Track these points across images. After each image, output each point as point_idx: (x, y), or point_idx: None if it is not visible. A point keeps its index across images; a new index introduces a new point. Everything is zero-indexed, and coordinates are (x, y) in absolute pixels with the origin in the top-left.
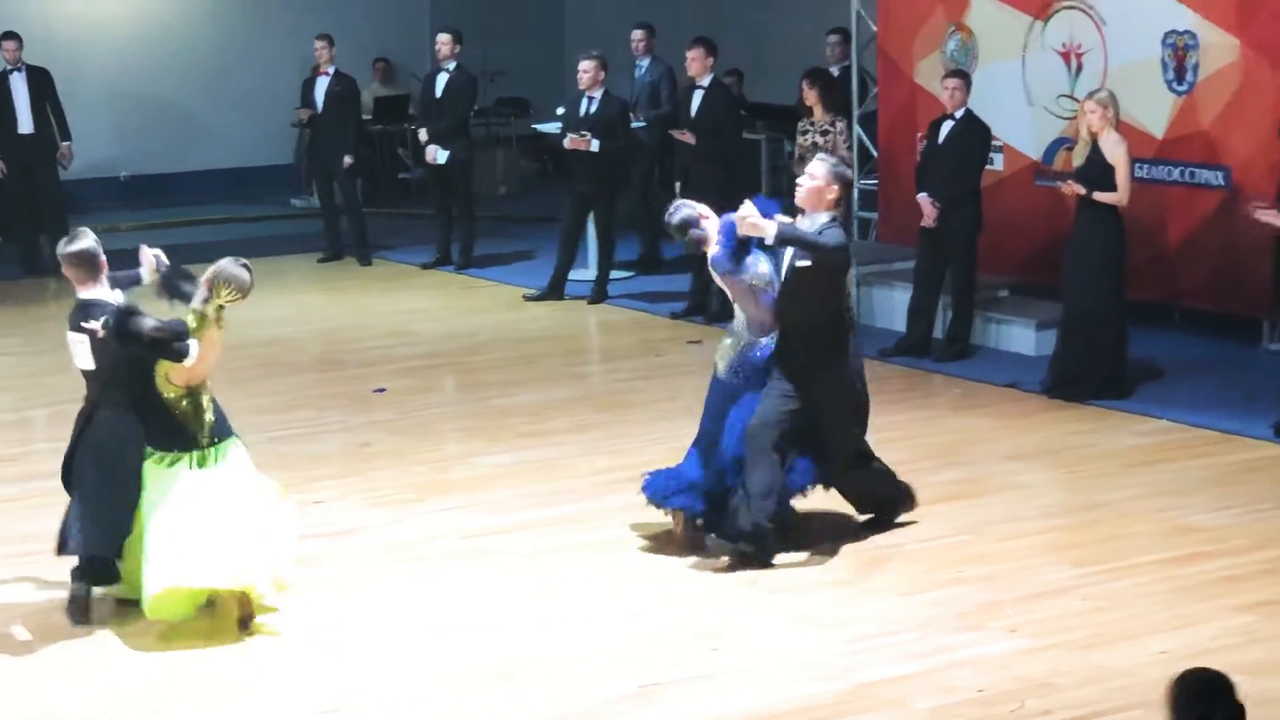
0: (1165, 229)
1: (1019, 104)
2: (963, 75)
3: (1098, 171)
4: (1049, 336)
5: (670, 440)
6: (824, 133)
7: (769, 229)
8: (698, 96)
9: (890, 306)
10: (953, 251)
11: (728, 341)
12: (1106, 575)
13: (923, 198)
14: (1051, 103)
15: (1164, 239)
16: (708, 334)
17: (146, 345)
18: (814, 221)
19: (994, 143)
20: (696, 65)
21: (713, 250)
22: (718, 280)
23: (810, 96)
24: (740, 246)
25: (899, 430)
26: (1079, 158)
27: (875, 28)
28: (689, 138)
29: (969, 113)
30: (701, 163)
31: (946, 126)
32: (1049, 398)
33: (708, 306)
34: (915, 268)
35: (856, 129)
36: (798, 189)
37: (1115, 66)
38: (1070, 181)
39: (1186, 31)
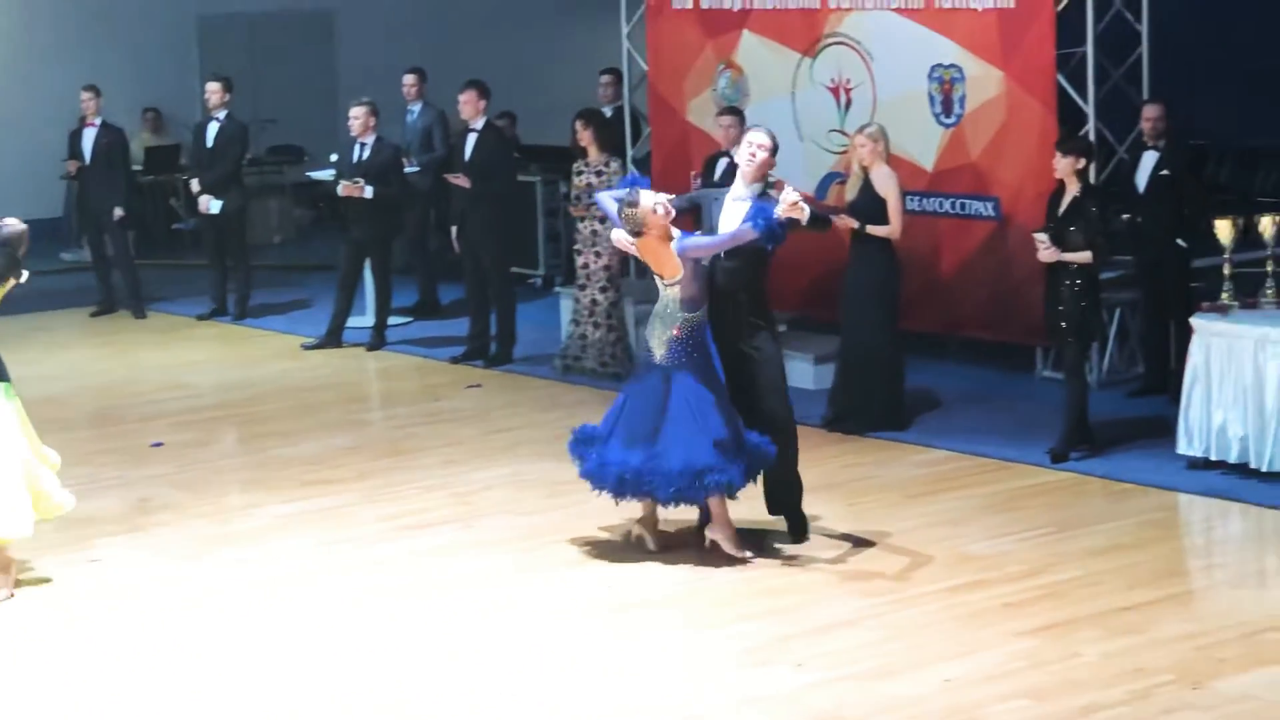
0: (938, 260)
1: (790, 140)
2: (737, 112)
3: (870, 205)
4: (827, 370)
5: (453, 485)
6: (599, 173)
7: (807, 211)
8: (471, 139)
9: None
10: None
11: (657, 325)
12: (892, 606)
13: None
14: (822, 138)
15: (937, 270)
16: (487, 377)
17: None
18: (751, 190)
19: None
20: (469, 108)
21: (661, 235)
22: (678, 262)
23: (584, 137)
24: (781, 236)
25: None
26: (851, 192)
27: (646, 67)
28: (463, 181)
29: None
30: (477, 206)
31: (722, 164)
32: (829, 431)
33: (487, 350)
34: None
35: (631, 169)
36: (750, 160)
37: (884, 100)
38: (843, 216)
39: (952, 65)
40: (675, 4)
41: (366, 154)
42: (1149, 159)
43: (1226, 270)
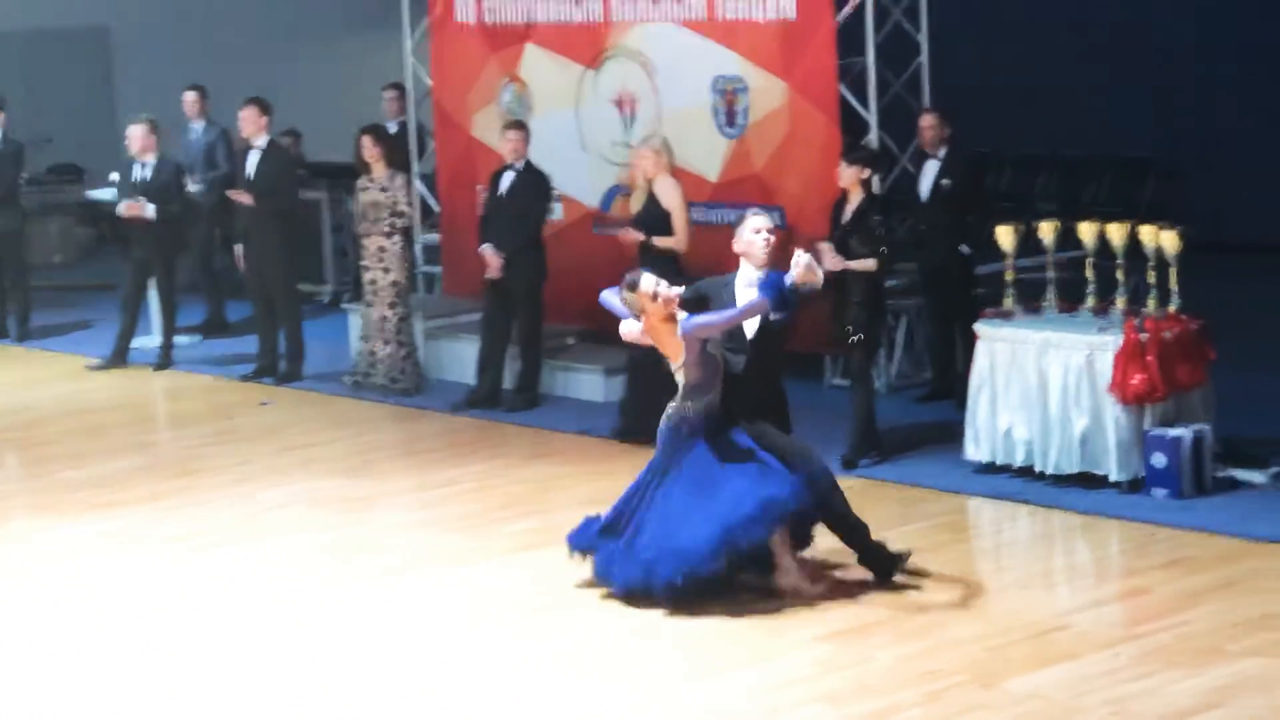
0: (724, 271)
1: (575, 153)
2: (521, 126)
3: (654, 217)
4: (617, 382)
5: (245, 504)
6: (384, 189)
7: (820, 273)
8: (254, 157)
9: (459, 359)
10: (518, 301)
11: (673, 403)
12: (693, 614)
13: (486, 249)
14: (607, 150)
15: None
16: (278, 395)
17: None
18: (761, 275)
19: (553, 192)
20: (250, 125)
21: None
22: (682, 351)
23: (369, 153)
24: (794, 302)
25: (473, 481)
26: (636, 204)
27: (430, 82)
28: (246, 198)
29: (529, 163)
30: (261, 223)
31: (507, 178)
32: (620, 442)
33: (275, 367)
34: (481, 319)
35: (417, 184)
36: (765, 246)
37: (668, 113)
38: (627, 229)
39: (735, 77)
40: (458, 18)
41: (148, 173)
42: (931, 167)
43: (1009, 276)
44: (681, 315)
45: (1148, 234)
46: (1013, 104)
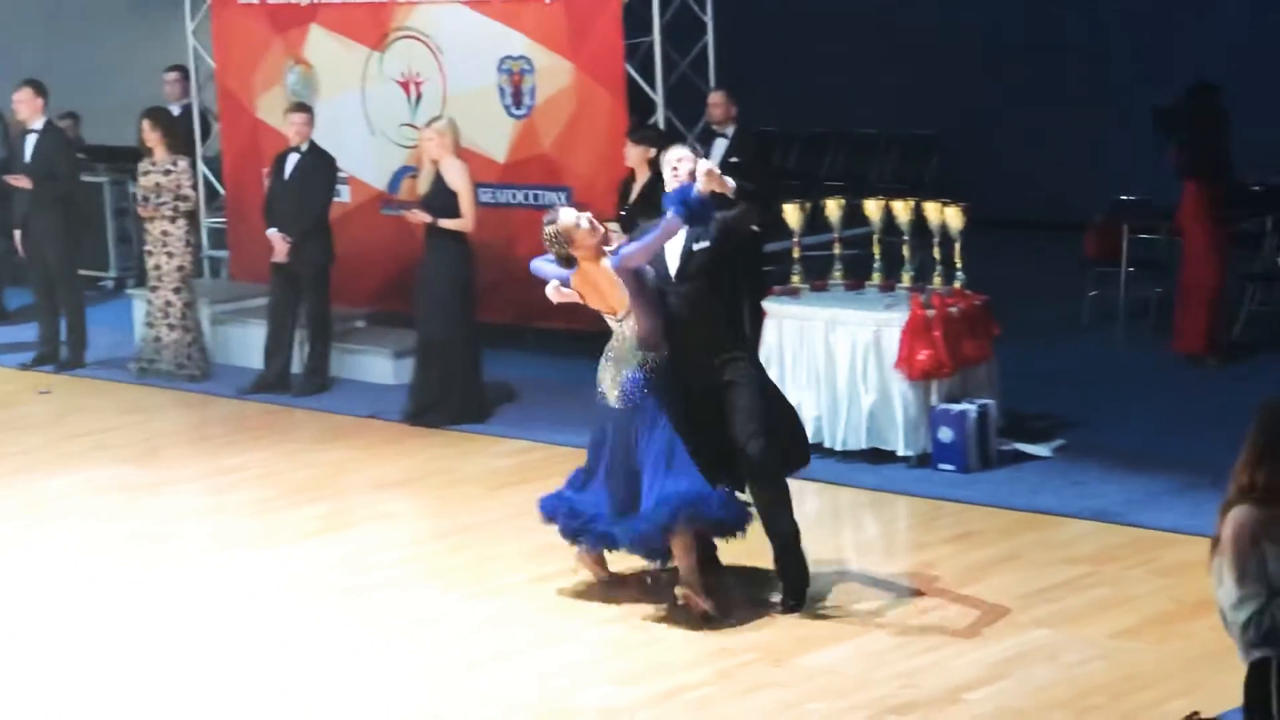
0: (513, 251)
1: (362, 135)
2: (305, 108)
3: (442, 198)
4: (406, 364)
5: (25, 493)
6: (166, 172)
7: (730, 181)
8: (31, 140)
9: (246, 344)
10: (306, 285)
11: (611, 367)
12: (478, 597)
13: (273, 233)
14: (394, 132)
15: (513, 261)
16: (59, 382)
17: None
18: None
19: (340, 174)
20: (25, 108)
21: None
22: (606, 293)
23: (151, 137)
24: (701, 214)
25: (262, 467)
26: (423, 186)
27: (214, 64)
28: (24, 183)
29: (313, 145)
30: (40, 208)
31: (292, 160)
32: (410, 425)
33: (57, 355)
34: (269, 304)
35: (201, 167)
36: (674, 177)
37: (454, 94)
38: (414, 210)
39: (522, 57)
40: None
41: None
42: (719, 146)
43: (796, 253)
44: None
45: (932, 211)
46: (799, 83)
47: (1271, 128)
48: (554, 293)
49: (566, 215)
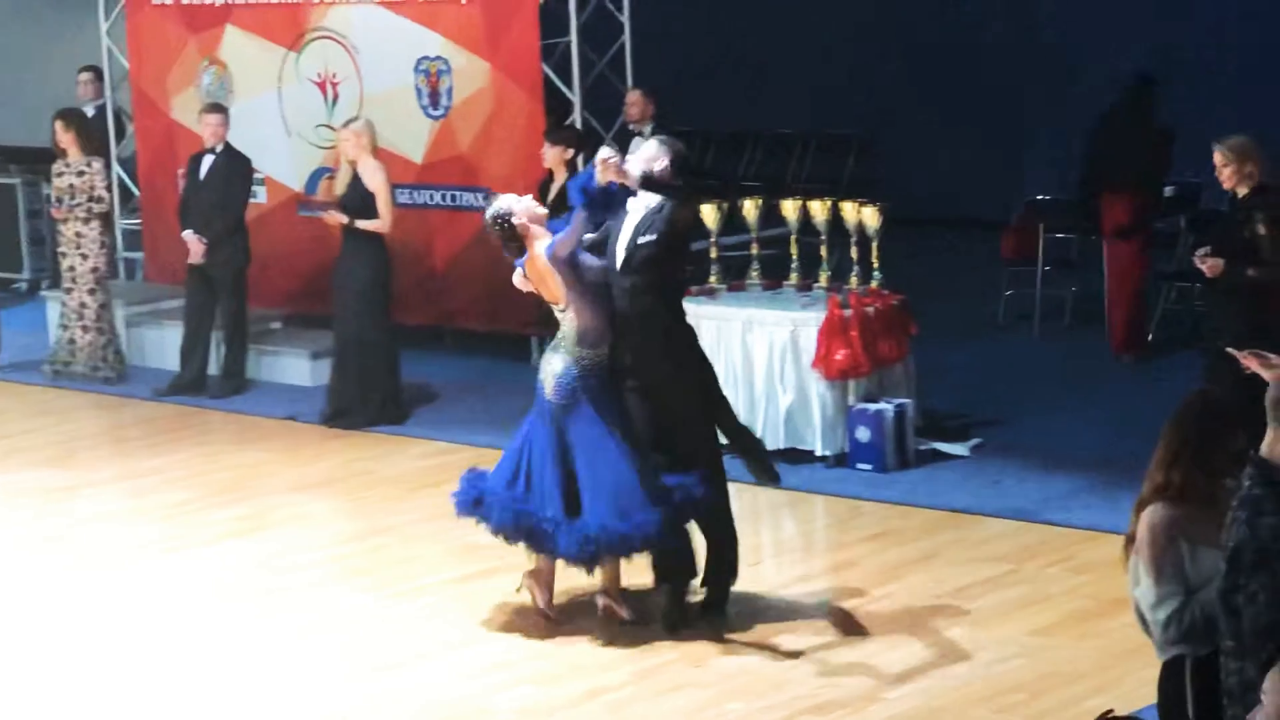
0: (431, 252)
1: (278, 135)
2: (220, 109)
3: (359, 199)
4: (324, 366)
5: None
6: (80, 173)
7: (632, 171)
8: None
9: (162, 346)
10: (222, 286)
11: (550, 357)
12: (398, 598)
13: (188, 235)
14: (310, 133)
15: (430, 262)
16: None
17: None
18: (646, 201)
19: (256, 175)
20: None
21: (541, 244)
22: (549, 284)
23: (64, 138)
24: (601, 202)
25: (180, 470)
26: (340, 187)
27: (128, 64)
28: None
29: (229, 146)
30: None
31: (207, 161)
32: (328, 427)
33: None
34: (185, 305)
35: (116, 168)
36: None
37: (371, 94)
38: (331, 211)
39: (439, 57)
40: None
41: None
42: (636, 145)
43: (713, 254)
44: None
45: (849, 211)
46: (716, 82)
47: (1185, 126)
48: (519, 280)
49: (504, 199)
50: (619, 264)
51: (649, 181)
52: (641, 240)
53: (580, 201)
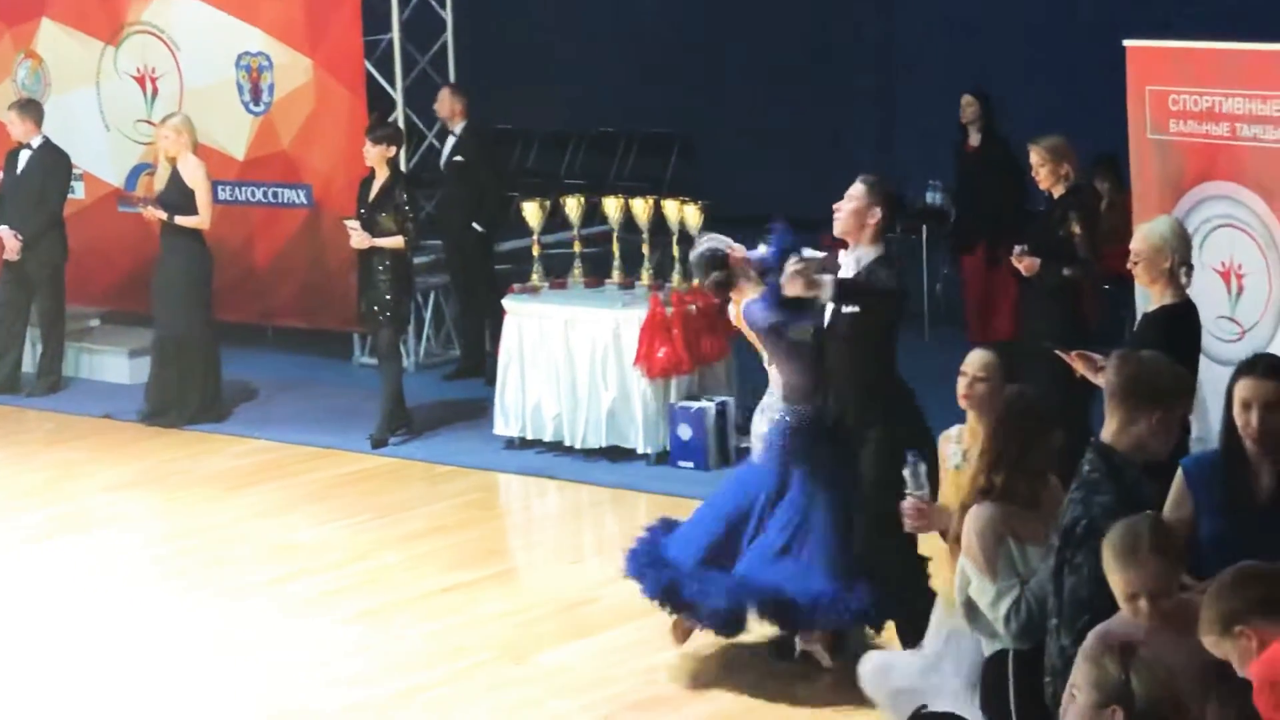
0: (252, 249)
1: (97, 130)
2: (32, 104)
3: (179, 195)
4: (143, 364)
5: None
6: None
7: (826, 287)
8: None
9: None
10: (39, 283)
11: (757, 416)
12: (216, 598)
13: (4, 230)
14: (130, 128)
15: (252, 259)
16: None
17: None
18: (859, 258)
19: (75, 171)
20: None
21: (748, 297)
22: (752, 335)
23: None
24: (787, 305)
25: None
26: (160, 183)
27: None
28: None
29: (46, 141)
30: None
31: (24, 157)
32: (147, 425)
33: None
34: (0, 303)
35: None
36: (836, 215)
37: (191, 89)
38: (150, 207)
39: (260, 53)
40: None
41: None
42: (450, 144)
43: (535, 251)
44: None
45: (671, 209)
46: (539, 80)
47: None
48: (733, 316)
49: (715, 239)
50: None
51: (846, 293)
52: (845, 310)
53: (764, 303)
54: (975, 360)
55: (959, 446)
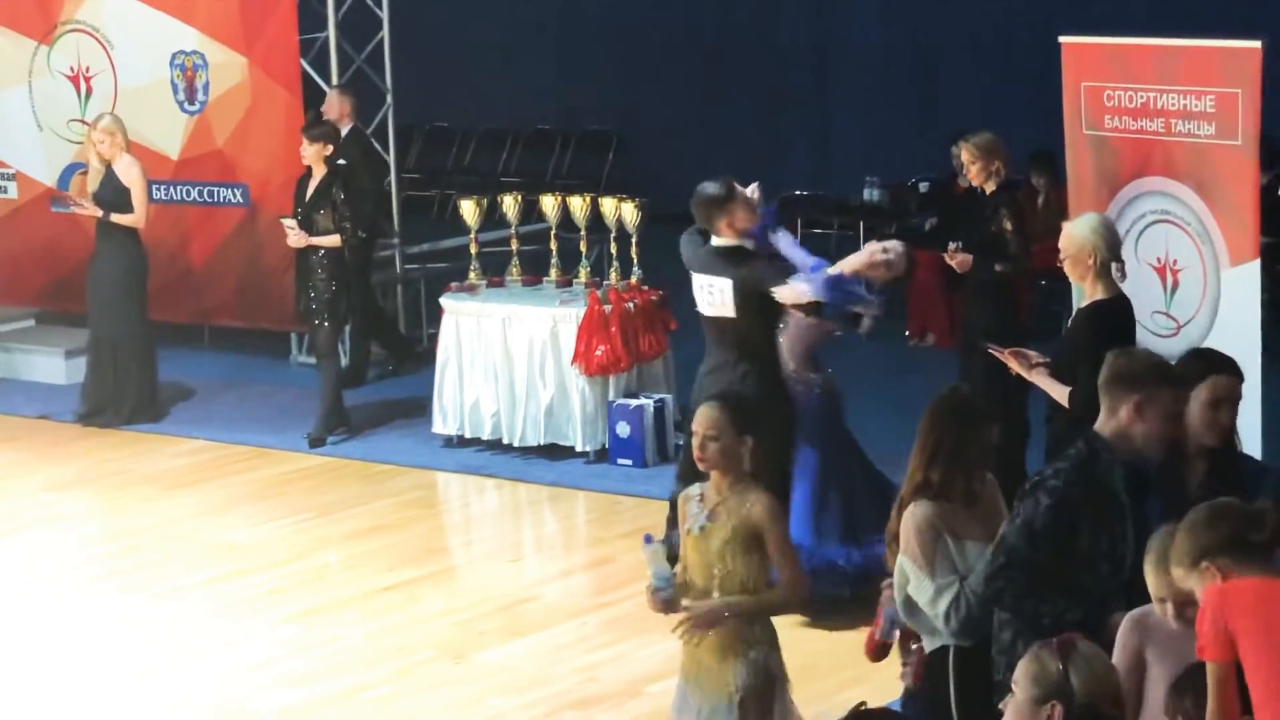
0: (188, 249)
1: (30, 130)
2: None
3: (114, 194)
4: (79, 364)
5: None
6: None
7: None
8: None
9: None
10: None
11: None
12: (153, 600)
13: None
14: (63, 128)
15: (188, 259)
16: None
17: None
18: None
19: (6, 171)
20: None
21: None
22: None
23: None
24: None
25: None
26: (94, 183)
27: None
28: None
29: None
30: None
31: None
32: (83, 425)
33: None
34: None
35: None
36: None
37: (126, 88)
38: (84, 202)
39: (195, 52)
40: None
41: None
42: None
43: (473, 249)
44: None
45: (609, 206)
46: (477, 78)
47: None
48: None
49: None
50: None
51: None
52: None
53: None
54: (703, 419)
55: (702, 507)
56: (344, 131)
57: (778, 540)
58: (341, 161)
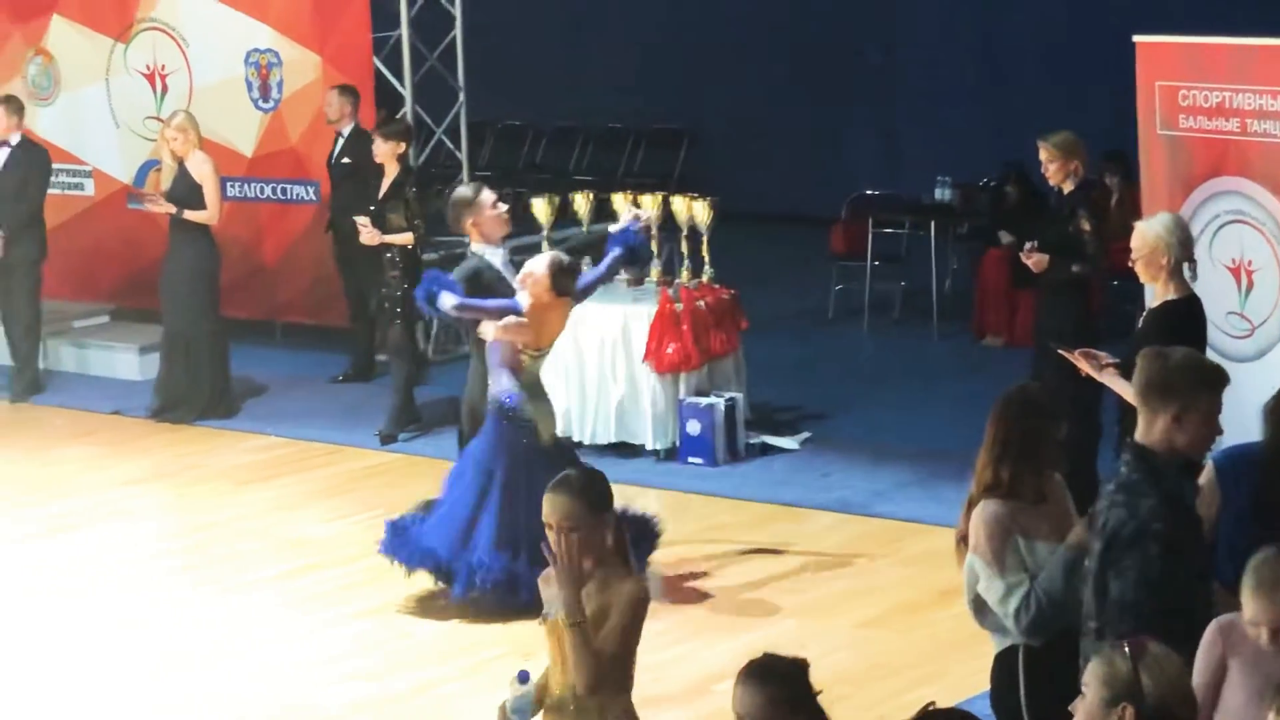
0: (261, 246)
1: (107, 127)
2: (15, 100)
3: (187, 191)
4: (153, 360)
5: None
6: None
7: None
8: None
9: None
10: (18, 280)
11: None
12: (226, 594)
13: None
14: (139, 125)
15: (260, 255)
16: None
17: None
18: None
19: (83, 168)
20: None
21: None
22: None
23: None
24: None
25: (3, 465)
26: (167, 179)
27: None
28: None
29: (24, 139)
30: None
31: (3, 154)
32: (156, 421)
33: None
34: None
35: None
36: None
37: (200, 86)
38: (157, 198)
39: (269, 50)
40: None
41: None
42: (339, 145)
43: (545, 247)
44: None
45: (680, 205)
46: (548, 76)
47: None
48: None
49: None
50: None
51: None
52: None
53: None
54: (556, 510)
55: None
56: (345, 131)
57: (617, 627)
58: (346, 160)
